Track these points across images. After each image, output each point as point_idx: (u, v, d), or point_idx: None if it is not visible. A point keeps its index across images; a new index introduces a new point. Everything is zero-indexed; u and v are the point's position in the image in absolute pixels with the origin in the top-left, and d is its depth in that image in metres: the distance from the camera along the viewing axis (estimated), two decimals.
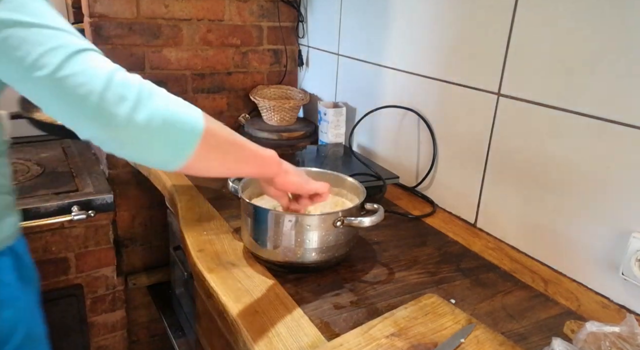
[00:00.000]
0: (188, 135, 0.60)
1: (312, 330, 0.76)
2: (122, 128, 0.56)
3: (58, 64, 0.54)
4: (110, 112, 0.55)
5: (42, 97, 0.56)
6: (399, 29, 1.34)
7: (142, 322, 1.84)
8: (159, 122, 0.57)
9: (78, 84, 0.54)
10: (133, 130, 0.56)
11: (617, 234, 0.87)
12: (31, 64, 0.54)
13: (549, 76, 0.95)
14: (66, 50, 0.55)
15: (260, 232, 0.91)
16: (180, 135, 0.59)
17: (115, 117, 0.55)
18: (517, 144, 1.04)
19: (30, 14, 0.56)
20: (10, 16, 0.55)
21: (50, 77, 0.54)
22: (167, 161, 0.61)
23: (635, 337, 0.67)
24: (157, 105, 0.58)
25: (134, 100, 0.56)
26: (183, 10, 1.62)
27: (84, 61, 0.56)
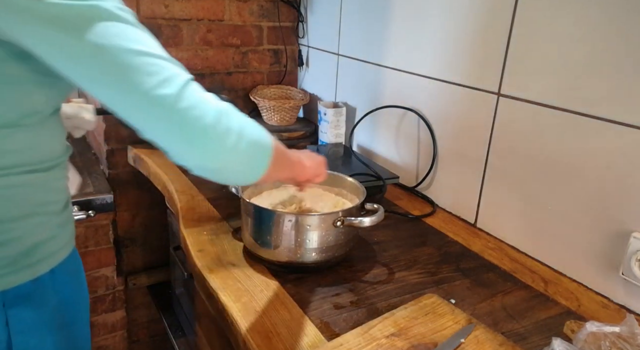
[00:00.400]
0: (267, 155, 0.66)
1: (312, 330, 0.76)
2: (228, 157, 0.61)
3: (175, 96, 0.56)
4: (221, 144, 0.59)
5: (152, 125, 0.58)
6: (399, 29, 1.34)
7: (142, 322, 1.84)
8: (253, 147, 0.63)
9: (195, 117, 0.57)
10: (236, 158, 0.62)
11: (617, 234, 0.87)
12: (145, 95, 0.56)
13: (549, 76, 0.95)
14: (178, 82, 0.57)
15: (260, 231, 0.91)
16: (263, 156, 0.65)
17: (224, 147, 0.59)
18: (517, 144, 1.04)
19: (134, 41, 0.57)
20: (118, 43, 0.56)
21: (170, 109, 0.56)
22: (251, 179, 0.67)
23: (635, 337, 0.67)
24: (249, 132, 0.62)
25: (237, 131, 0.60)
26: (183, 10, 1.62)
27: (194, 93, 0.58)
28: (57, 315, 0.77)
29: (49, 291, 0.74)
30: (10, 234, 0.68)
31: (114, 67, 0.55)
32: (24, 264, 0.70)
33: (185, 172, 1.37)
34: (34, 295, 0.72)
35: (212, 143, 0.59)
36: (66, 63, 0.57)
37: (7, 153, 0.65)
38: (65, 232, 0.77)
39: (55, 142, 0.73)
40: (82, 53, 0.55)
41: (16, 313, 0.70)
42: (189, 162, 0.61)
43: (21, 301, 0.71)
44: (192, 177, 1.33)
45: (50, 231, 0.73)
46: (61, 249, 0.76)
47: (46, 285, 0.74)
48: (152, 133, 0.59)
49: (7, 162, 0.65)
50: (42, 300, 0.73)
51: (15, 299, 0.70)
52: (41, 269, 0.72)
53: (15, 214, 0.68)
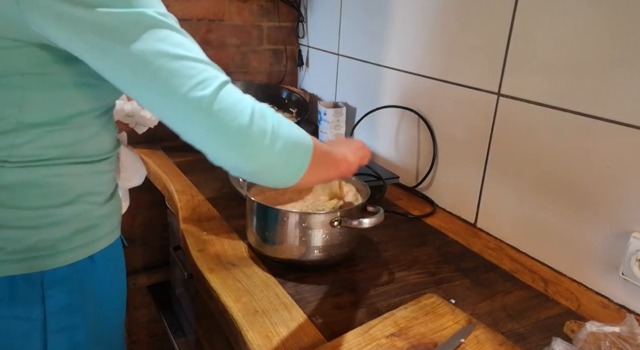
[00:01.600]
0: (305, 156, 0.66)
1: (312, 330, 0.76)
2: (263, 159, 0.61)
3: (209, 98, 0.57)
4: (255, 145, 0.60)
5: (191, 127, 0.60)
6: (399, 29, 1.34)
7: (142, 322, 1.84)
8: (289, 149, 0.64)
9: (230, 119, 0.58)
10: (271, 160, 0.62)
11: (617, 234, 0.87)
12: (182, 97, 0.57)
13: (549, 76, 0.95)
14: (214, 84, 0.58)
15: (264, 229, 0.91)
16: (300, 157, 0.66)
17: (259, 149, 0.60)
18: (517, 144, 1.04)
19: (176, 45, 0.59)
20: (160, 48, 0.58)
21: (205, 111, 0.57)
22: (290, 181, 0.67)
23: (635, 337, 0.67)
24: (284, 133, 0.63)
25: (272, 132, 0.61)
26: (183, 10, 1.62)
27: (229, 94, 0.59)
28: (93, 303, 0.79)
29: (86, 278, 0.76)
30: (51, 218, 0.71)
31: (154, 71, 0.57)
32: (62, 248, 0.72)
33: (185, 172, 1.37)
34: (71, 280, 0.74)
35: (246, 145, 0.60)
36: (110, 68, 0.59)
37: (53, 147, 0.68)
38: (107, 222, 0.79)
39: (102, 140, 0.76)
40: (126, 59, 0.57)
41: (53, 294, 0.73)
42: (225, 163, 0.62)
43: (58, 284, 0.73)
44: (192, 177, 1.33)
45: (92, 220, 0.76)
46: (102, 238, 0.78)
47: (84, 272, 0.76)
48: (189, 135, 0.60)
49: (54, 154, 0.69)
50: (79, 286, 0.75)
51: (53, 281, 0.72)
52: (79, 255, 0.74)
53: (58, 201, 0.71)
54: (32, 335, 0.73)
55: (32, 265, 0.70)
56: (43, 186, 0.69)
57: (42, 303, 0.72)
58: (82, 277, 0.76)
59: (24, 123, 0.65)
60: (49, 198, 0.70)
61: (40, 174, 0.68)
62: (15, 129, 0.65)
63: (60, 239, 0.72)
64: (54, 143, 0.68)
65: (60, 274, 0.73)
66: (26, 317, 0.72)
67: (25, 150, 0.66)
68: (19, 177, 0.67)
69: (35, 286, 0.71)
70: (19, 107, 0.64)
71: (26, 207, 0.69)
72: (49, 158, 0.68)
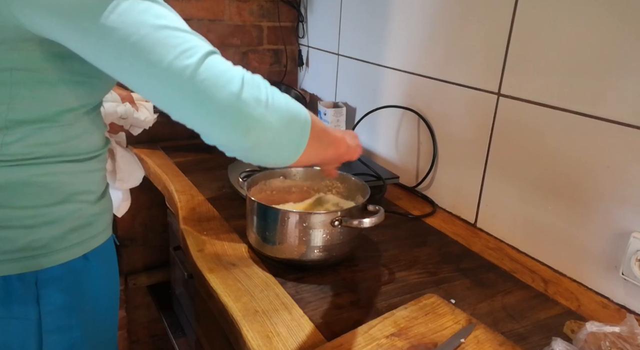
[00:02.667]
0: (304, 130, 0.62)
1: (312, 330, 0.76)
2: (258, 131, 0.57)
3: (194, 67, 0.55)
4: (248, 117, 0.56)
5: (177, 100, 0.56)
6: (399, 29, 1.34)
7: (142, 322, 1.84)
8: (287, 121, 0.60)
9: (217, 88, 0.55)
10: (268, 133, 0.58)
11: (617, 234, 0.87)
12: (167, 68, 0.55)
13: (549, 76, 0.95)
14: (199, 53, 0.56)
15: (264, 229, 0.91)
16: (299, 131, 0.62)
17: (253, 120, 0.56)
18: (517, 144, 1.04)
19: (159, 17, 0.57)
20: (142, 18, 0.55)
21: (189, 81, 0.54)
22: (289, 158, 0.63)
23: (635, 337, 0.67)
24: (280, 103, 0.59)
25: (265, 101, 0.58)
26: (183, 10, 1.62)
27: (216, 63, 0.56)
28: (87, 302, 0.79)
29: (81, 277, 0.76)
30: (44, 218, 0.70)
31: (137, 42, 0.55)
32: (57, 247, 0.72)
33: (185, 172, 1.37)
34: (66, 279, 0.74)
35: (238, 116, 0.56)
36: (94, 47, 0.57)
37: (43, 145, 0.68)
38: (100, 220, 0.79)
39: (92, 137, 0.75)
40: (108, 33, 0.55)
41: (48, 294, 0.73)
42: (218, 140, 0.58)
43: (53, 283, 0.73)
44: (192, 177, 1.33)
45: (85, 219, 0.75)
46: (95, 236, 0.78)
47: (79, 270, 0.76)
48: (178, 112, 0.57)
49: (44, 152, 0.68)
50: (73, 285, 0.75)
51: (48, 281, 0.72)
52: (74, 254, 0.74)
53: (51, 200, 0.71)
54: (28, 335, 0.73)
55: (26, 265, 0.70)
56: (34, 185, 0.69)
57: (36, 303, 0.72)
58: (76, 276, 0.75)
59: (13, 120, 0.64)
60: (41, 197, 0.70)
61: (31, 172, 0.68)
62: (4, 127, 0.64)
63: (55, 237, 0.72)
64: (43, 141, 0.67)
65: (55, 273, 0.72)
66: (21, 317, 0.72)
67: (14, 148, 0.66)
68: (10, 176, 0.67)
69: (29, 286, 0.71)
70: (7, 105, 0.63)
71: (18, 206, 0.68)
72: (39, 156, 0.68)
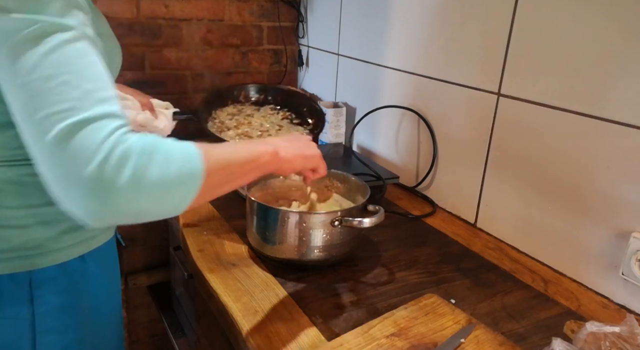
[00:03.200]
0: (188, 187, 0.57)
1: (312, 330, 0.76)
2: (121, 206, 0.52)
3: (59, 131, 0.50)
4: (105, 195, 0.51)
5: (38, 157, 0.53)
6: (399, 29, 1.34)
7: (142, 322, 1.84)
8: (158, 191, 0.54)
9: (76, 163, 0.50)
10: (134, 205, 0.53)
11: (617, 234, 0.87)
12: (36, 123, 0.51)
13: (549, 76, 0.95)
14: (74, 117, 0.51)
15: (264, 229, 0.91)
16: (181, 190, 0.57)
17: (112, 198, 0.51)
18: (517, 144, 1.04)
19: (62, 64, 0.52)
20: (39, 61, 0.51)
21: (49, 146, 0.50)
22: (171, 213, 0.59)
23: (635, 337, 0.67)
24: (153, 176, 0.53)
25: (130, 179, 0.52)
26: (183, 10, 1.62)
27: (88, 134, 0.51)
28: (85, 304, 0.78)
29: (77, 278, 0.76)
30: (37, 218, 0.70)
31: (22, 85, 0.51)
32: (51, 248, 0.72)
33: None
34: (61, 280, 0.74)
35: (93, 195, 0.51)
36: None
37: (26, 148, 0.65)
38: None
39: None
40: (3, 65, 0.52)
41: (42, 294, 0.72)
42: (75, 208, 0.52)
43: (47, 284, 0.72)
44: None
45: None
46: (93, 238, 0.77)
47: (75, 271, 0.75)
48: (39, 165, 0.52)
49: (28, 155, 0.65)
50: (69, 286, 0.75)
51: (42, 281, 0.72)
52: (69, 255, 0.74)
53: (41, 200, 0.70)
54: (21, 335, 0.72)
55: (19, 265, 0.70)
56: (25, 185, 0.68)
57: (30, 303, 0.72)
58: (72, 277, 0.75)
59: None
60: (33, 197, 0.69)
61: (20, 172, 0.68)
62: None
63: (49, 238, 0.71)
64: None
65: (50, 274, 0.72)
66: (13, 317, 0.71)
67: (1, 150, 0.66)
68: (0, 176, 0.66)
69: (22, 286, 0.70)
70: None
71: (10, 206, 0.68)
72: (24, 158, 0.67)
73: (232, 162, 0.65)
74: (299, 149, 0.78)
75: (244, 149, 0.68)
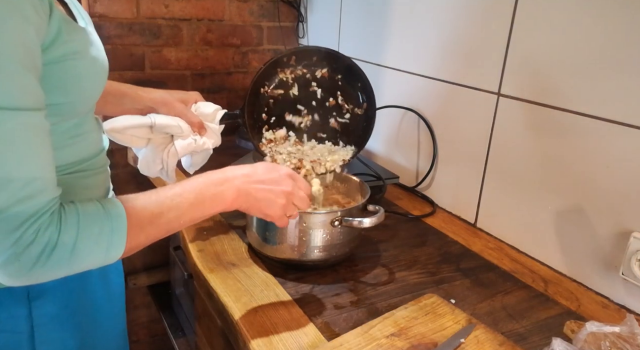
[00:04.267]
0: (107, 253, 0.60)
1: (312, 330, 0.76)
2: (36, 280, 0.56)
3: None
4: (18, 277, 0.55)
5: None
6: (399, 29, 1.34)
7: (142, 322, 1.84)
8: (70, 266, 0.57)
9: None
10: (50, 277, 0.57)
11: (617, 234, 0.87)
12: None
13: (549, 76, 0.95)
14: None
15: (264, 229, 0.91)
16: (96, 259, 0.60)
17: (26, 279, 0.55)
18: (517, 144, 1.04)
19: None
20: None
21: None
22: (95, 266, 0.61)
23: (635, 337, 0.67)
24: (63, 256, 0.56)
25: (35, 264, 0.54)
26: (183, 10, 1.62)
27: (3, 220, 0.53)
28: (85, 311, 0.78)
29: (75, 286, 0.75)
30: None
31: None
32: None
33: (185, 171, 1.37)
34: (59, 290, 0.73)
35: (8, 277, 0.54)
36: None
37: None
38: None
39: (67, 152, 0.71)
40: None
41: (40, 305, 0.71)
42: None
43: (45, 295, 0.72)
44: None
45: None
46: None
47: (73, 280, 0.73)
48: None
49: None
50: (67, 295, 0.74)
51: (39, 292, 0.71)
52: None
53: None
54: (19, 348, 0.72)
55: None
56: None
57: (29, 315, 0.71)
58: (70, 285, 0.74)
59: None
60: None
61: None
62: None
63: None
64: None
65: (47, 285, 0.70)
66: (10, 330, 0.70)
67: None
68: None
69: (20, 298, 0.70)
70: None
71: None
72: None
73: (160, 220, 0.67)
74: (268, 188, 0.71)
75: (189, 199, 0.67)
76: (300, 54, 1.16)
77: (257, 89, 1.17)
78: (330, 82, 1.19)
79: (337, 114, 1.18)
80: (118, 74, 1.57)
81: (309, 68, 1.18)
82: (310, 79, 1.18)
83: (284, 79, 1.17)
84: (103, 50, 0.71)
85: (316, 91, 1.17)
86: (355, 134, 1.18)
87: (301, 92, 1.17)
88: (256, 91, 1.17)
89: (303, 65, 1.17)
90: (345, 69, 1.20)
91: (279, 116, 1.15)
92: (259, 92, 1.17)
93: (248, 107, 1.12)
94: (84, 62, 0.65)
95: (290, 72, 1.18)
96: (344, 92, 1.19)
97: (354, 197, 1.02)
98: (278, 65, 1.17)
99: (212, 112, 0.97)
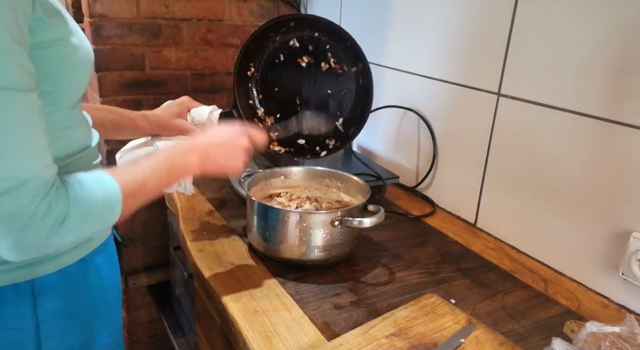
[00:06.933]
0: (107, 219, 0.65)
1: (312, 330, 0.76)
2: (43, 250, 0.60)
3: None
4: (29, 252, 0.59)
5: None
6: (399, 29, 1.34)
7: (142, 322, 1.84)
8: (76, 238, 0.62)
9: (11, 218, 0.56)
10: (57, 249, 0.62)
11: (617, 234, 0.87)
12: None
13: (549, 76, 0.95)
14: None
15: (265, 229, 0.91)
16: (99, 225, 0.65)
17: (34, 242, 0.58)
18: (517, 144, 1.04)
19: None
20: None
21: None
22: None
23: (635, 337, 0.67)
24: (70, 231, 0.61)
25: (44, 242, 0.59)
26: (183, 10, 1.62)
27: (8, 202, 0.56)
28: (86, 304, 0.78)
29: (77, 280, 0.76)
30: None
31: None
32: (51, 255, 0.71)
33: None
34: (62, 284, 0.73)
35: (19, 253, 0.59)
36: None
37: None
38: None
39: (62, 142, 0.72)
40: None
41: (44, 301, 0.72)
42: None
43: (49, 290, 0.72)
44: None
45: None
46: (92, 239, 0.77)
47: (75, 274, 0.75)
48: None
49: None
50: (70, 289, 0.75)
51: (43, 288, 0.72)
52: (69, 260, 0.74)
53: None
54: (25, 344, 0.72)
55: (21, 275, 0.69)
56: None
57: (34, 311, 0.71)
58: (72, 279, 0.75)
59: None
60: None
61: None
62: None
63: None
64: None
65: (50, 280, 0.72)
66: (16, 327, 0.71)
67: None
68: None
69: (25, 295, 0.70)
70: None
71: None
72: None
73: (146, 185, 0.71)
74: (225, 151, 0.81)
75: (164, 168, 0.74)
76: (276, 25, 1.17)
77: (244, 75, 1.19)
78: (316, 45, 1.21)
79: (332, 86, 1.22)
80: (118, 74, 1.57)
81: (289, 35, 1.19)
82: (297, 47, 1.19)
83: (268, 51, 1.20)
84: (86, 39, 0.73)
85: (306, 62, 1.20)
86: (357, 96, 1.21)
87: (290, 65, 1.20)
88: (244, 77, 1.19)
89: (282, 32, 1.18)
90: (328, 30, 1.19)
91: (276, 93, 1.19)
92: (246, 77, 1.19)
93: (239, 98, 1.13)
94: (67, 48, 0.66)
95: (272, 44, 1.19)
96: (334, 55, 1.21)
97: (354, 197, 1.02)
98: (259, 41, 1.17)
99: (208, 116, 1.00)
